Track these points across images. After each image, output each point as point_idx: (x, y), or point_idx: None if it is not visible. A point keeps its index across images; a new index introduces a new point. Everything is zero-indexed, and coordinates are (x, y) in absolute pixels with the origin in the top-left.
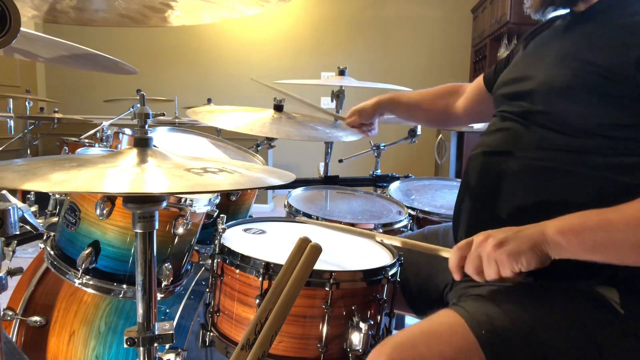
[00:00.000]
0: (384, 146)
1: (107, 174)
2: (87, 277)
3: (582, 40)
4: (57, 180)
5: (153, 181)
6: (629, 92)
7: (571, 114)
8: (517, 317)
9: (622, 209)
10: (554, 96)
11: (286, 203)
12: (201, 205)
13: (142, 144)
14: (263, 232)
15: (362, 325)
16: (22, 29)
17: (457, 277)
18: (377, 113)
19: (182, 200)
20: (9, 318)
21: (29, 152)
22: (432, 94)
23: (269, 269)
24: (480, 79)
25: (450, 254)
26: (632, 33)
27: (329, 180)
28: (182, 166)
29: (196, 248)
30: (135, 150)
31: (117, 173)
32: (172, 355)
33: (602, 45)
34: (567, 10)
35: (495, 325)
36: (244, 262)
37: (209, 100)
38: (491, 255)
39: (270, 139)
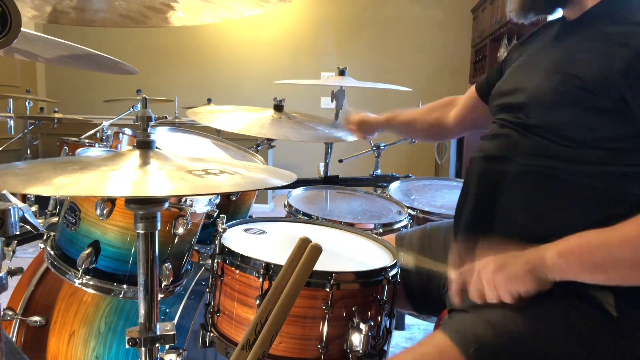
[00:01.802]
0: (384, 146)
1: (110, 176)
2: (87, 277)
3: (567, 52)
4: (60, 184)
5: (155, 184)
6: (616, 104)
7: (562, 125)
8: (506, 331)
9: (620, 228)
10: (543, 109)
11: (286, 203)
12: (201, 206)
13: (145, 146)
14: (263, 232)
15: (362, 326)
16: (22, 29)
17: (457, 301)
18: (376, 130)
19: (182, 200)
20: (9, 318)
21: (29, 152)
22: (426, 109)
23: (269, 270)
24: (473, 90)
25: (454, 277)
26: (616, 43)
27: (329, 180)
28: (184, 168)
29: (196, 248)
30: (137, 152)
31: (119, 176)
32: (173, 356)
33: (586, 57)
34: (552, 17)
35: (483, 343)
36: (244, 262)
37: (209, 100)
38: (490, 280)
39: (270, 139)
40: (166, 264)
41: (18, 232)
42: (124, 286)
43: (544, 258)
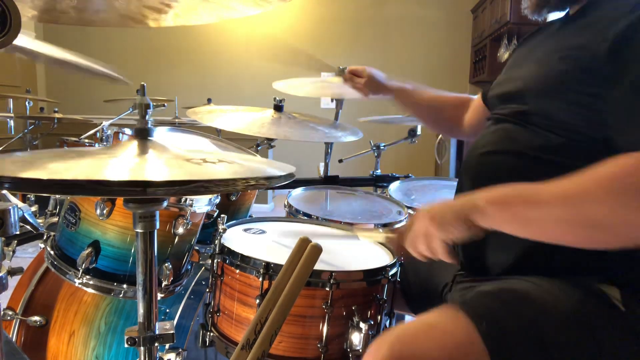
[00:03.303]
0: (384, 146)
1: (107, 162)
2: (87, 277)
3: (563, 40)
4: (54, 169)
5: (153, 170)
6: (601, 88)
7: (557, 112)
8: (519, 311)
9: (552, 185)
10: (536, 95)
11: (286, 203)
12: (201, 205)
13: (143, 134)
14: (263, 232)
15: (362, 325)
16: (22, 30)
17: (395, 253)
18: (383, 93)
19: (182, 200)
20: (9, 318)
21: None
22: (444, 101)
23: (269, 269)
24: (480, 96)
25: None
26: (606, 25)
27: (329, 180)
28: (182, 157)
29: (196, 248)
30: (135, 142)
31: (117, 162)
32: (172, 355)
33: (580, 40)
34: (564, 13)
35: (497, 318)
36: (244, 262)
37: (209, 100)
38: (422, 228)
39: (270, 139)
40: (166, 264)
41: (18, 232)
42: (124, 286)
43: (475, 204)
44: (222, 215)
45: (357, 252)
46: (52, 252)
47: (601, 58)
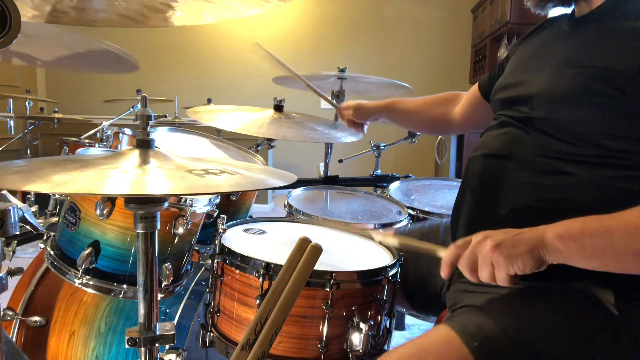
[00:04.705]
0: (384, 146)
1: (109, 175)
2: (87, 277)
3: (581, 46)
4: (59, 181)
5: (154, 183)
6: (623, 103)
7: (570, 121)
8: (509, 326)
9: (622, 216)
10: (553, 103)
11: (286, 203)
12: (201, 205)
13: (144, 145)
14: (263, 232)
15: (362, 325)
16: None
17: (444, 273)
18: (373, 116)
19: (182, 200)
20: (9, 318)
21: (29, 152)
22: (430, 101)
23: (269, 269)
24: (475, 87)
25: (446, 251)
26: (630, 39)
27: (329, 180)
28: (184, 167)
29: (196, 248)
30: (137, 152)
31: (119, 174)
32: (173, 356)
33: (600, 51)
34: (568, 10)
35: (487, 336)
36: (244, 262)
37: (209, 100)
38: (487, 256)
39: (270, 139)
40: (166, 264)
41: (18, 232)
42: (124, 286)
43: (543, 239)
44: (222, 215)
45: (357, 252)
46: (52, 252)
47: (628, 76)
